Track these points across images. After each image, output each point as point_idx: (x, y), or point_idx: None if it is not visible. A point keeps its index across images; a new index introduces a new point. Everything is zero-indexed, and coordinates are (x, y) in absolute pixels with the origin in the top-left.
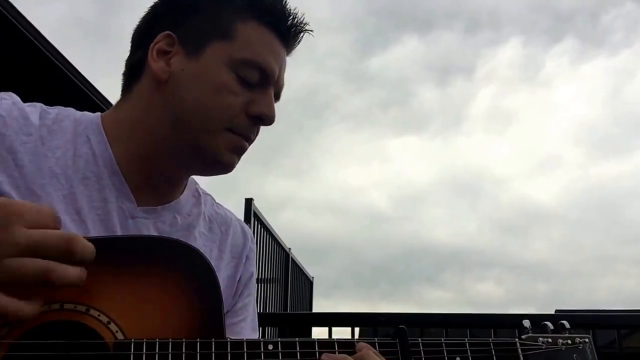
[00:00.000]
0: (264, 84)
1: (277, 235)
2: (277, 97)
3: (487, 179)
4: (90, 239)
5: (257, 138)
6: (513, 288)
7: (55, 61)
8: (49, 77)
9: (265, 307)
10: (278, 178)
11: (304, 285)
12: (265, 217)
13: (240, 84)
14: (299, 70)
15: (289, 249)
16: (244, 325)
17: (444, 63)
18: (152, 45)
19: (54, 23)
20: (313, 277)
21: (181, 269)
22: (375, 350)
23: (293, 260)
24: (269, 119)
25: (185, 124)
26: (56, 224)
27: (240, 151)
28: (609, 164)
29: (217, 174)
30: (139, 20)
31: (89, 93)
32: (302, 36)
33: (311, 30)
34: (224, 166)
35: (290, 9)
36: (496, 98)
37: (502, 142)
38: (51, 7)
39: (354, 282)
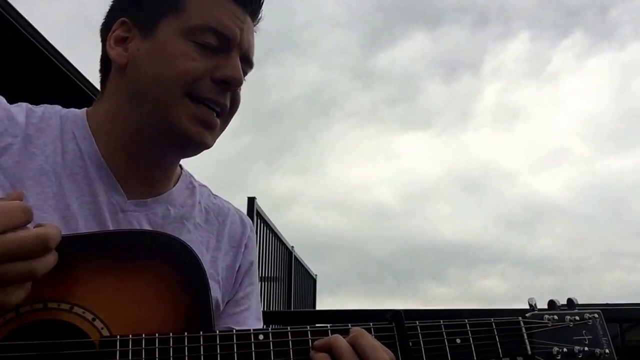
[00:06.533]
0: (226, 49)
1: (280, 234)
2: (247, 62)
3: (493, 174)
4: (70, 237)
5: (239, 108)
6: (518, 283)
7: (55, 60)
8: (49, 77)
9: (268, 306)
10: (283, 176)
11: (308, 283)
12: (268, 215)
13: (199, 51)
14: (305, 67)
15: (292, 247)
16: (247, 315)
17: (452, 59)
18: (109, 34)
19: (61, 23)
20: (316, 275)
21: (165, 262)
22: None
23: (296, 258)
24: (235, 81)
25: (143, 100)
26: (28, 216)
27: (205, 123)
28: (615, 158)
29: (194, 152)
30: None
31: (90, 93)
32: None
33: None
34: (192, 139)
35: None
36: (503, 93)
37: (509, 138)
38: (57, 6)
39: (358, 279)
